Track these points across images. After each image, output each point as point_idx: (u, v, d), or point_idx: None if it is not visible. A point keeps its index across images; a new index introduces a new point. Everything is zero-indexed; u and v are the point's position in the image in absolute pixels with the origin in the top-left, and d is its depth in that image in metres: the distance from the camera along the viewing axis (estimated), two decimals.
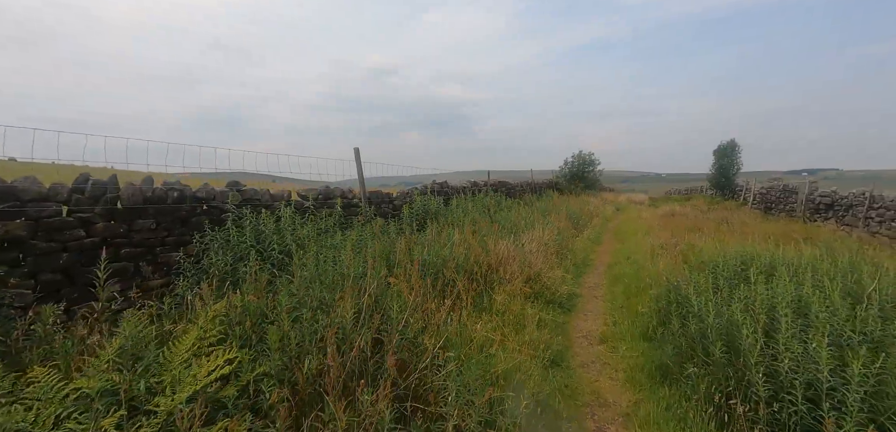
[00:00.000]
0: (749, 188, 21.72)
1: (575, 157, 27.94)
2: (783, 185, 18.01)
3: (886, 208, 10.98)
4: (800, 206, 15.61)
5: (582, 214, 15.69)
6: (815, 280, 4.26)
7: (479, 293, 5.57)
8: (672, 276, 5.69)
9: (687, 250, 8.47)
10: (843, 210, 13.11)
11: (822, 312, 3.37)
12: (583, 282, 8.22)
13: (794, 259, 5.13)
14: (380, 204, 8.22)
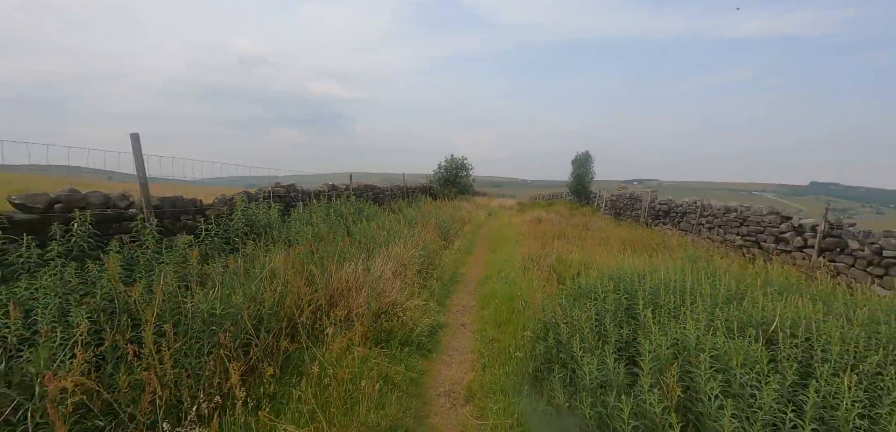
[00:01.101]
0: (601, 195, 23.67)
1: (448, 162, 27.61)
2: (629, 194, 19.79)
3: (713, 215, 12.24)
4: (643, 213, 17.14)
5: (454, 221, 14.90)
6: (724, 320, 3.55)
7: (298, 350, 3.87)
8: (548, 305, 4.73)
9: (558, 264, 7.90)
10: (679, 216, 14.54)
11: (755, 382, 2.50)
12: (450, 305, 7.05)
13: (673, 278, 4.53)
14: (179, 215, 5.93)
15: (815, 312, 3.78)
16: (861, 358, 3.00)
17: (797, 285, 5.32)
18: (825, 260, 8.08)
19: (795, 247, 8.89)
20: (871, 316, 3.59)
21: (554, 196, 37.09)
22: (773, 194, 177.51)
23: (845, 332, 3.24)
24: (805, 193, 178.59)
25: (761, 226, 9.98)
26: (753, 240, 10.18)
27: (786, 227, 9.24)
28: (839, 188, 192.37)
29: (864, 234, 7.52)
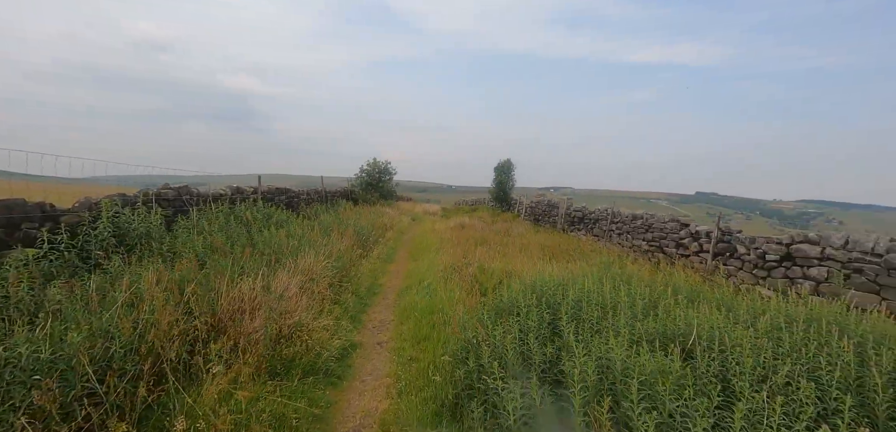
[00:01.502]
0: (521, 202, 24.40)
1: (371, 165, 26.73)
2: (547, 201, 20.59)
3: (622, 222, 13.02)
4: (560, 219, 17.87)
5: (375, 227, 14.25)
6: (645, 333, 3.43)
7: (164, 397, 3.12)
8: (468, 322, 4.40)
9: (480, 273, 7.69)
10: (592, 223, 15.32)
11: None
12: (366, 320, 6.49)
13: (594, 290, 4.44)
14: (18, 223, 4.71)
15: (724, 322, 3.87)
16: (771, 369, 3.02)
17: (701, 291, 5.57)
18: (718, 263, 8.80)
19: (693, 252, 9.62)
20: (773, 322, 3.73)
21: (477, 202, 37.75)
22: (666, 202, 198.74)
23: (754, 343, 3.28)
24: (691, 201, 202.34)
25: (664, 232, 10.71)
26: (657, 245, 10.89)
27: (685, 234, 9.98)
28: (718, 197, 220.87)
29: (749, 240, 8.28)
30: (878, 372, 2.69)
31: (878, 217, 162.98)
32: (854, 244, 6.40)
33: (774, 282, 7.46)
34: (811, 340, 3.31)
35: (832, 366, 2.90)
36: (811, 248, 6.94)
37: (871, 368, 2.96)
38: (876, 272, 6.03)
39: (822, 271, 6.72)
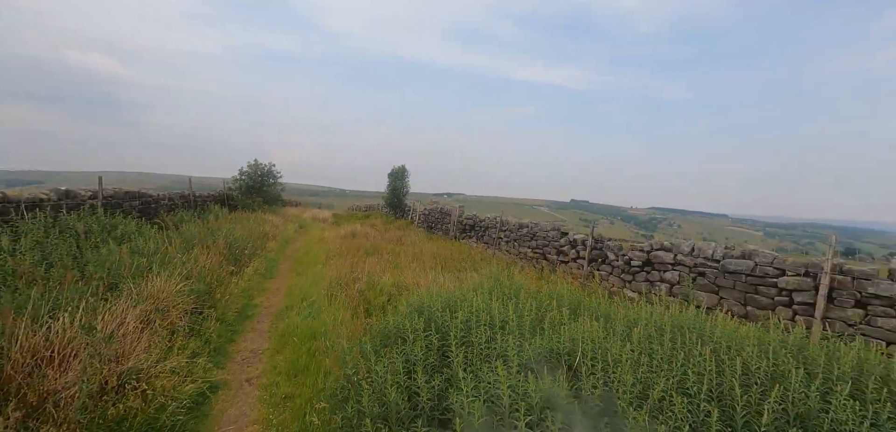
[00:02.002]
0: (415, 209, 24.35)
1: (252, 167, 24.29)
2: (440, 208, 20.80)
3: (510, 231, 13.61)
4: (452, 227, 18.15)
5: (254, 237, 12.82)
6: (534, 354, 3.31)
7: None
8: (350, 354, 3.94)
9: (368, 289, 7.21)
10: (482, 231, 15.79)
11: None
12: (234, 351, 5.60)
13: (482, 308, 4.31)
14: None
15: (604, 333, 3.99)
16: (649, 384, 3.12)
17: (581, 300, 5.86)
18: (592, 269, 9.57)
19: (572, 258, 10.34)
20: (645, 331, 3.95)
21: (371, 208, 36.87)
22: (546, 208, 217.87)
23: (632, 357, 3.39)
24: (567, 208, 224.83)
25: (547, 240, 11.38)
26: (541, 252, 11.53)
27: (564, 242, 10.70)
28: (589, 204, 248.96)
29: (617, 248, 9.13)
30: (736, 382, 2.91)
31: (707, 222, 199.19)
32: (699, 251, 7.37)
33: (639, 284, 8.30)
34: (678, 350, 3.53)
35: (699, 378, 3.09)
36: (666, 255, 7.85)
37: (726, 373, 3.23)
38: (715, 275, 6.99)
39: (675, 275, 7.62)
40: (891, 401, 3.02)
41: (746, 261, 6.54)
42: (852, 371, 3.31)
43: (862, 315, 5.33)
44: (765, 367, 3.26)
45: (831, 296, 5.59)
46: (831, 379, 3.20)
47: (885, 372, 3.30)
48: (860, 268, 5.49)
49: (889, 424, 2.81)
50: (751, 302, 6.46)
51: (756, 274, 6.41)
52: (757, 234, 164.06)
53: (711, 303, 6.92)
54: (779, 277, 6.15)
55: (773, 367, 3.37)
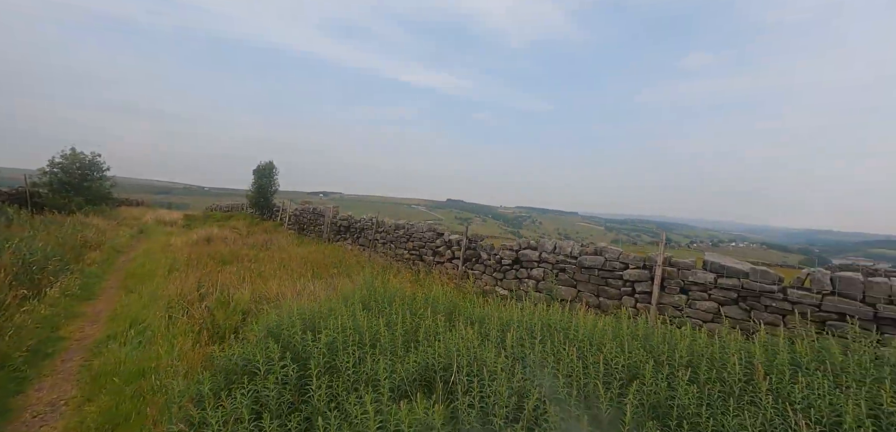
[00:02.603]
0: (285, 209, 22.46)
1: (68, 157, 19.59)
2: (313, 208, 19.47)
3: (386, 232, 13.26)
4: (326, 228, 17.10)
5: (65, 248, 10.24)
6: (405, 376, 2.98)
7: None
8: (183, 399, 3.17)
9: (219, 307, 6.17)
10: (358, 232, 15.15)
11: None
12: (21, 407, 4.23)
13: (350, 326, 3.88)
14: None
15: (479, 340, 3.90)
16: (524, 393, 3.06)
17: (457, 303, 5.80)
18: (467, 268, 9.77)
19: (447, 259, 10.43)
20: (517, 335, 3.96)
21: (233, 208, 32.95)
22: (423, 208, 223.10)
23: (507, 366, 3.32)
24: (444, 207, 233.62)
25: (423, 241, 11.33)
26: (418, 254, 11.44)
27: (440, 243, 10.75)
28: (464, 203, 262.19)
29: (490, 248, 9.45)
30: (599, 382, 3.01)
31: (562, 219, 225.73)
32: (560, 249, 7.97)
33: (509, 282, 8.68)
34: (548, 353, 3.58)
35: (568, 381, 3.13)
36: (532, 253, 8.34)
37: (591, 371, 3.35)
38: (574, 270, 7.62)
39: (541, 271, 8.13)
40: (718, 380, 3.46)
41: (599, 257, 7.25)
42: (687, 355, 3.74)
43: (685, 299, 6.27)
44: (622, 362, 3.48)
45: (663, 285, 6.47)
46: (674, 366, 3.55)
47: (710, 353, 3.79)
48: (684, 260, 6.45)
49: (719, 401, 3.18)
50: (602, 293, 7.17)
51: (606, 268, 7.14)
52: (600, 228, 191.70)
53: (571, 295, 7.52)
54: (624, 270, 6.93)
55: (629, 359, 3.62)
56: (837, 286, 5.16)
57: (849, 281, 5.08)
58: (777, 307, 5.49)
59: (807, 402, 3.06)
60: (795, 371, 3.55)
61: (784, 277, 5.67)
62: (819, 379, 3.22)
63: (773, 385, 3.31)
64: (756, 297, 5.66)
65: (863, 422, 2.78)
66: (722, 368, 3.52)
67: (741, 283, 5.78)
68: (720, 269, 6.00)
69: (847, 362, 3.68)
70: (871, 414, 2.96)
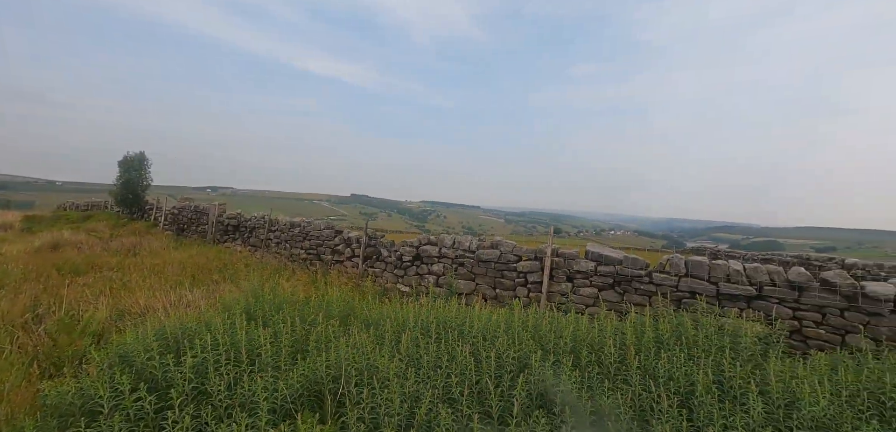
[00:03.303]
0: (160, 207, 19.81)
1: None
2: (194, 206, 17.42)
3: (280, 231, 12.34)
4: (211, 228, 15.42)
5: None
6: (288, 392, 2.67)
7: None
8: None
9: (59, 329, 5.12)
10: (248, 232, 13.89)
11: None
12: None
13: (227, 340, 3.45)
14: None
15: (372, 345, 3.73)
16: (417, 398, 2.97)
17: (353, 305, 5.55)
18: (367, 267, 9.48)
19: (347, 257, 10.03)
20: (412, 336, 3.86)
21: (93, 206, 28.10)
22: (327, 203, 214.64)
23: (401, 370, 3.20)
24: (348, 203, 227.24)
25: (321, 240, 10.75)
26: (316, 253, 10.83)
27: (339, 241, 10.30)
28: (369, 198, 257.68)
29: (390, 244, 9.28)
30: (490, 380, 3.03)
31: (465, 212, 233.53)
32: (459, 244, 8.10)
33: (410, 278, 8.60)
34: (442, 353, 3.54)
35: (461, 380, 3.11)
36: (432, 249, 8.36)
37: (483, 366, 3.37)
38: (472, 264, 7.79)
39: (441, 267, 8.19)
40: (597, 362, 3.73)
41: (494, 251, 7.50)
42: (572, 341, 3.98)
43: (571, 287, 6.76)
44: (512, 354, 3.57)
45: (552, 275, 6.91)
46: (559, 353, 3.75)
47: (590, 338, 4.08)
48: (569, 250, 6.95)
49: (598, 382, 3.42)
50: (499, 285, 7.44)
51: (502, 261, 7.42)
52: (501, 221, 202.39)
53: (470, 289, 7.69)
54: (518, 263, 7.27)
55: (519, 351, 3.74)
56: (690, 269, 5.96)
57: (697, 264, 5.90)
58: (645, 289, 6.17)
59: (668, 375, 3.43)
60: (659, 347, 3.99)
61: (650, 262, 6.40)
62: (677, 353, 3.64)
63: (642, 362, 3.66)
64: (628, 282, 6.31)
65: (711, 388, 3.18)
66: (600, 351, 3.80)
67: (616, 270, 6.40)
68: (599, 258, 6.58)
69: (698, 335, 4.23)
70: (715, 379, 3.42)
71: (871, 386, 3.36)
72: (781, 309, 5.44)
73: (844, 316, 5.19)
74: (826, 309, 5.29)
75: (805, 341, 5.34)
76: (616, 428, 2.85)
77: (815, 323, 5.33)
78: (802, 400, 2.98)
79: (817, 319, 5.33)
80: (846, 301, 5.20)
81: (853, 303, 5.16)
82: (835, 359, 4.08)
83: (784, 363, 3.81)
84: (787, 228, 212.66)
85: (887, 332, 4.93)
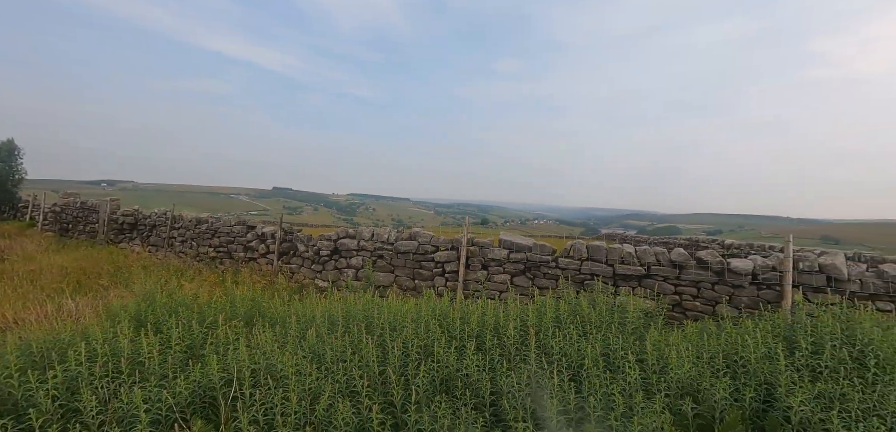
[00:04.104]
0: (38, 204, 17.28)
1: None
2: (81, 202, 15.41)
3: (185, 228, 11.34)
4: (102, 227, 13.75)
5: None
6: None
7: None
8: None
9: None
10: (148, 230, 12.59)
11: None
12: None
13: (103, 352, 3.11)
14: None
15: (276, 343, 3.58)
16: (318, 394, 2.90)
17: (261, 304, 5.27)
18: (282, 263, 9.06)
19: (261, 254, 9.50)
20: (318, 332, 3.76)
21: None
22: (246, 197, 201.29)
23: (303, 367, 3.10)
24: (269, 196, 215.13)
25: (232, 236, 10.07)
26: (226, 251, 10.13)
27: (252, 237, 9.72)
28: (293, 191, 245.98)
29: (307, 239, 8.95)
30: (393, 371, 3.05)
31: (395, 204, 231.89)
32: (377, 236, 8.02)
33: (328, 273, 8.37)
34: (347, 346, 3.49)
35: (364, 373, 3.09)
36: (351, 242, 8.20)
37: (390, 356, 3.38)
38: (391, 256, 7.77)
39: (360, 260, 8.06)
40: (499, 345, 3.90)
41: (412, 242, 7.54)
42: (478, 326, 4.12)
43: (486, 274, 7.00)
44: (418, 343, 3.62)
45: (468, 264, 7.10)
46: (464, 338, 3.87)
47: (494, 322, 4.26)
48: (484, 240, 7.19)
49: (500, 363, 3.58)
50: (418, 275, 7.50)
51: (420, 252, 7.48)
52: (430, 213, 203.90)
53: (389, 281, 7.66)
54: (435, 253, 7.37)
55: (427, 339, 3.80)
56: (591, 253, 6.45)
57: (596, 248, 6.40)
58: (552, 273, 6.58)
59: (562, 352, 3.69)
60: (558, 327, 4.27)
61: (556, 249, 6.83)
62: (571, 331, 3.92)
63: (541, 341, 3.90)
64: (537, 267, 6.68)
65: (598, 361, 3.47)
66: (503, 334, 3.99)
67: (527, 257, 6.74)
68: (511, 246, 6.89)
69: (592, 313, 4.60)
70: (603, 352, 3.74)
71: (727, 348, 3.88)
72: (665, 285, 6.10)
73: (715, 289, 5.94)
74: (701, 283, 6.02)
75: (684, 312, 6.04)
76: (511, 404, 3.00)
77: (692, 296, 6.05)
78: (671, 365, 3.37)
79: (694, 293, 6.05)
80: (716, 276, 5.95)
81: (722, 277, 5.92)
82: (704, 327, 4.65)
83: (662, 333, 4.28)
84: (685, 215, 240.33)
85: (747, 301, 5.73)
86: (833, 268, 5.49)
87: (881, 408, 2.99)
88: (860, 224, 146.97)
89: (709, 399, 3.15)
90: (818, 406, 2.96)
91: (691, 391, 3.30)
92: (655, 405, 2.85)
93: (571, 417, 2.99)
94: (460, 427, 2.79)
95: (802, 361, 3.62)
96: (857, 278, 5.45)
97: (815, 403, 2.98)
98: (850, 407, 2.94)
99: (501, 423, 3.07)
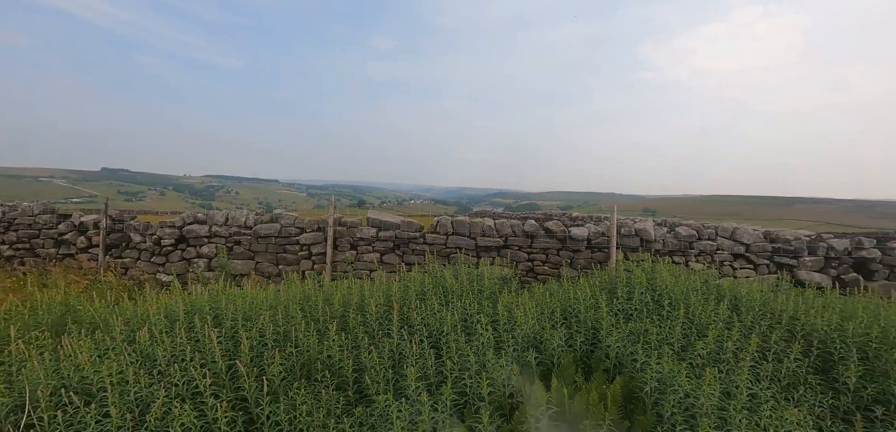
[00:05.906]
0: None
1: None
2: None
3: None
4: None
5: None
6: None
7: None
8: None
9: None
10: None
11: None
12: None
13: None
14: None
15: (94, 353, 3.01)
16: (151, 400, 2.52)
17: (74, 308, 4.37)
18: (112, 257, 7.65)
19: (81, 249, 7.87)
20: (155, 330, 3.27)
21: None
22: (63, 180, 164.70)
23: (126, 375, 2.66)
24: (98, 178, 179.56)
25: (36, 229, 8.12)
26: (28, 247, 8.14)
27: (66, 228, 7.98)
28: (129, 173, 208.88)
29: (144, 227, 7.69)
30: (241, 361, 2.80)
31: (262, 187, 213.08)
32: (233, 220, 7.26)
33: (174, 265, 7.32)
34: (186, 343, 3.11)
35: (205, 370, 2.78)
36: (201, 228, 7.28)
37: (243, 347, 3.09)
38: (250, 241, 7.12)
39: (213, 248, 7.22)
40: (363, 323, 3.87)
41: (274, 225, 7.02)
42: (341, 307, 4.03)
43: (355, 254, 6.88)
44: (273, 330, 3.40)
45: (336, 245, 6.89)
46: (326, 320, 3.75)
47: (357, 301, 4.21)
48: (352, 219, 7.03)
49: (364, 340, 3.55)
50: (281, 260, 7.03)
51: (283, 235, 7.01)
52: (302, 195, 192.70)
53: (248, 269, 7.03)
54: (300, 235, 6.98)
55: (286, 325, 3.59)
56: (456, 228, 6.78)
57: (461, 223, 6.77)
58: (420, 249, 6.76)
59: (424, 322, 3.82)
60: (422, 299, 4.41)
61: (424, 226, 7.03)
62: (433, 302, 4.08)
63: (404, 314, 3.98)
64: (406, 244, 6.80)
65: (457, 326, 3.68)
66: (367, 311, 3.97)
67: (396, 234, 6.80)
68: (380, 224, 6.87)
69: (454, 284, 4.85)
70: (462, 318, 3.98)
71: (564, 303, 4.46)
72: (519, 254, 6.75)
73: (559, 254, 6.78)
74: (548, 250, 6.80)
75: (535, 277, 6.77)
76: (373, 378, 3.01)
77: (542, 261, 6.81)
78: (519, 323, 3.74)
79: (543, 259, 6.82)
80: (560, 243, 6.79)
81: (564, 244, 6.78)
82: (548, 288, 5.27)
83: (514, 296, 4.73)
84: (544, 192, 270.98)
85: (583, 263, 6.66)
86: (644, 231, 6.69)
87: (671, 338, 3.75)
88: (670, 198, 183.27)
89: (549, 347, 3.58)
90: (629, 341, 3.59)
91: (535, 343, 3.72)
92: (502, 359, 3.13)
93: (431, 381, 3.13)
94: (321, 410, 2.71)
95: (619, 307, 4.35)
96: (660, 239, 6.73)
97: (628, 339, 3.61)
98: (650, 340, 3.62)
99: (365, 398, 3.07)
